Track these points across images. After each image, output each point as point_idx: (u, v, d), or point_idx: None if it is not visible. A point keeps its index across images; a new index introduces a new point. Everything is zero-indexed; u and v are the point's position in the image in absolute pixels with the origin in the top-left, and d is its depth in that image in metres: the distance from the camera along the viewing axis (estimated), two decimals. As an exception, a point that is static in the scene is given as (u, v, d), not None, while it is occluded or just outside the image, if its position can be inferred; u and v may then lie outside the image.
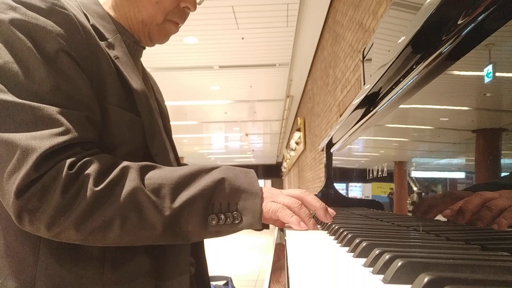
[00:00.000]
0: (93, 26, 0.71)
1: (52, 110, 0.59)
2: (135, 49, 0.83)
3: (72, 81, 0.63)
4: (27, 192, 0.55)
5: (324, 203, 0.73)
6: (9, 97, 0.58)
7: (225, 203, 0.64)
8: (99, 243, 0.61)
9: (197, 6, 0.85)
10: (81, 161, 0.59)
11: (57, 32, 0.63)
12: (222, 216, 0.64)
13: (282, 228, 0.75)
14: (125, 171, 0.62)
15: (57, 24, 0.63)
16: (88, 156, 0.61)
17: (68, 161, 0.58)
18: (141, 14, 0.79)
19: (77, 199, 0.57)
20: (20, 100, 0.58)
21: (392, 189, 0.91)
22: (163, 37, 0.84)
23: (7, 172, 0.56)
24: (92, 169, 0.59)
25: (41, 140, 0.57)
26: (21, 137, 0.56)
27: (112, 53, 0.71)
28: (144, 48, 0.88)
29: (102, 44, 0.70)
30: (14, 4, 0.62)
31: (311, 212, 0.72)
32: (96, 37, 0.70)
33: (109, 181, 0.60)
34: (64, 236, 0.59)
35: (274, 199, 0.68)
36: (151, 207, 0.61)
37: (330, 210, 0.74)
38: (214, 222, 0.63)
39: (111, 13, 0.80)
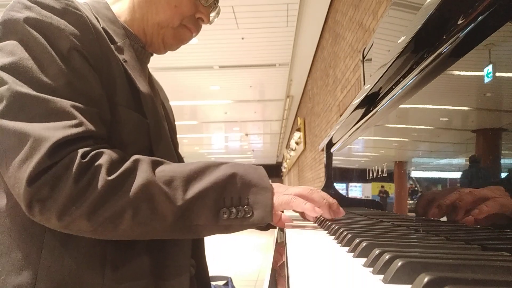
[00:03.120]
0: (103, 29, 0.72)
1: (66, 103, 0.60)
2: (143, 54, 0.84)
3: (85, 78, 0.64)
4: (39, 180, 0.55)
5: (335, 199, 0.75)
6: (24, 89, 0.59)
7: (236, 197, 0.65)
8: (110, 235, 0.61)
9: (209, 23, 0.87)
10: (94, 152, 0.60)
11: (70, 31, 0.64)
12: (234, 210, 0.64)
13: (282, 228, 0.75)
14: (137, 163, 0.63)
15: (71, 23, 0.65)
16: (100, 148, 0.62)
17: (81, 151, 0.58)
18: (158, 16, 0.80)
19: (90, 188, 0.57)
20: (34, 93, 0.59)
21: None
22: (176, 42, 0.86)
23: (18, 160, 0.56)
24: (104, 159, 0.60)
25: (54, 131, 0.57)
26: (34, 127, 0.57)
27: (120, 56, 0.73)
28: (152, 55, 0.89)
29: (112, 47, 0.72)
30: (30, 3, 0.64)
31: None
32: (107, 39, 0.71)
33: (121, 172, 0.60)
34: (75, 227, 0.58)
35: (284, 192, 0.69)
36: (163, 197, 0.61)
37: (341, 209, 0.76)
38: (225, 216, 0.64)
39: (123, 17, 0.81)
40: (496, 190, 0.47)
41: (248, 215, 0.64)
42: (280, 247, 0.61)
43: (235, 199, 0.65)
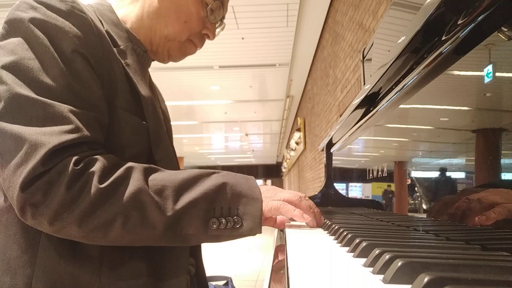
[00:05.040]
0: (107, 31, 0.73)
1: (64, 108, 0.60)
2: (144, 58, 0.85)
3: (85, 81, 0.65)
4: (33, 185, 0.56)
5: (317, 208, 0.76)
6: (23, 90, 0.59)
7: (226, 207, 0.65)
8: (100, 241, 0.62)
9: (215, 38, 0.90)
10: (87, 159, 0.60)
11: (74, 34, 0.65)
12: (223, 220, 0.64)
13: (281, 229, 0.75)
14: (129, 171, 0.63)
15: (75, 26, 0.65)
16: (93, 155, 0.62)
17: (74, 158, 0.59)
18: (167, 29, 0.81)
19: (81, 195, 0.58)
20: (33, 95, 0.59)
21: (389, 186, 0.91)
22: (181, 55, 0.88)
23: (13, 164, 0.57)
24: (97, 167, 0.60)
25: (50, 136, 0.57)
26: (30, 131, 0.57)
27: (123, 60, 0.73)
28: (153, 60, 0.89)
29: (114, 50, 0.72)
30: (35, 4, 0.64)
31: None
32: (110, 42, 0.71)
33: (113, 179, 0.60)
34: (65, 232, 0.59)
35: (274, 197, 0.70)
36: (154, 207, 0.61)
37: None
38: (215, 226, 0.64)
39: (129, 22, 0.82)
40: (497, 192, 0.47)
41: (237, 226, 0.65)
42: (280, 247, 0.61)
43: (225, 210, 0.65)
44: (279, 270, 0.47)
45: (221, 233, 0.65)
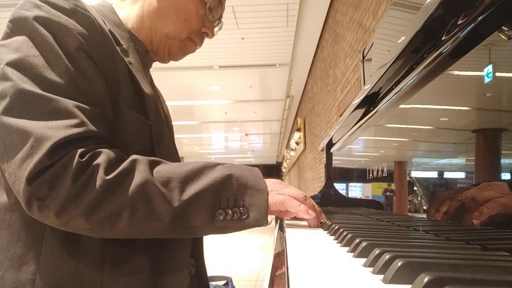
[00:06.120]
0: (109, 31, 0.73)
1: (69, 103, 0.61)
2: (146, 58, 0.85)
3: (89, 78, 0.65)
4: (38, 179, 0.56)
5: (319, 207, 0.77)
6: (28, 86, 0.59)
7: (232, 198, 0.66)
8: (107, 234, 0.62)
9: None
10: (92, 152, 0.60)
11: (78, 31, 0.65)
12: (230, 212, 0.65)
13: (282, 226, 0.76)
14: (135, 163, 0.63)
15: (79, 23, 0.66)
16: (98, 148, 0.62)
17: (80, 151, 0.59)
18: (167, 28, 0.82)
19: (87, 187, 0.58)
20: (39, 91, 0.59)
21: (390, 185, 0.92)
22: (181, 54, 0.89)
23: (19, 158, 0.57)
24: (102, 159, 0.60)
25: (56, 130, 0.58)
26: (36, 126, 0.58)
27: (126, 58, 0.74)
28: (154, 60, 0.90)
29: (117, 48, 0.73)
30: (40, 2, 0.65)
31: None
32: (113, 40, 0.72)
33: (119, 171, 0.61)
34: (72, 225, 0.59)
35: (279, 191, 0.70)
36: (160, 198, 0.62)
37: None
38: (221, 217, 0.64)
39: (130, 23, 0.83)
40: (496, 190, 0.47)
41: (244, 217, 0.65)
42: (280, 247, 0.61)
43: (231, 201, 0.65)
44: (279, 269, 0.47)
45: (227, 224, 0.65)
